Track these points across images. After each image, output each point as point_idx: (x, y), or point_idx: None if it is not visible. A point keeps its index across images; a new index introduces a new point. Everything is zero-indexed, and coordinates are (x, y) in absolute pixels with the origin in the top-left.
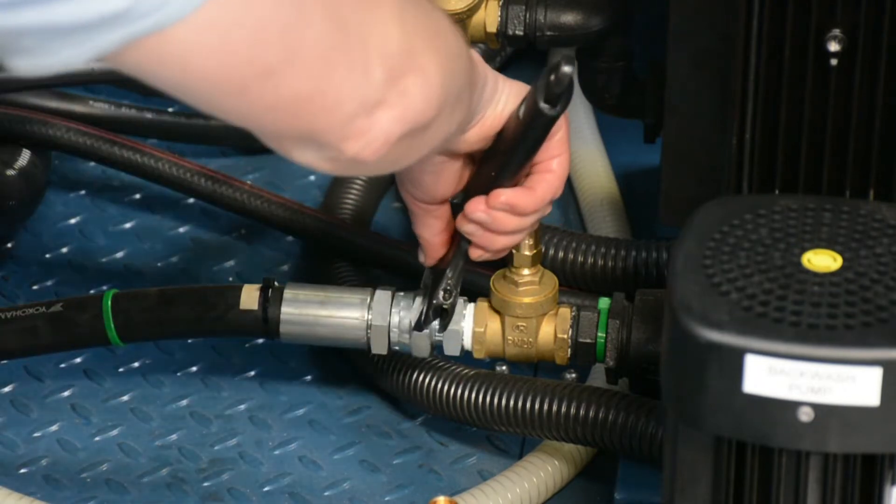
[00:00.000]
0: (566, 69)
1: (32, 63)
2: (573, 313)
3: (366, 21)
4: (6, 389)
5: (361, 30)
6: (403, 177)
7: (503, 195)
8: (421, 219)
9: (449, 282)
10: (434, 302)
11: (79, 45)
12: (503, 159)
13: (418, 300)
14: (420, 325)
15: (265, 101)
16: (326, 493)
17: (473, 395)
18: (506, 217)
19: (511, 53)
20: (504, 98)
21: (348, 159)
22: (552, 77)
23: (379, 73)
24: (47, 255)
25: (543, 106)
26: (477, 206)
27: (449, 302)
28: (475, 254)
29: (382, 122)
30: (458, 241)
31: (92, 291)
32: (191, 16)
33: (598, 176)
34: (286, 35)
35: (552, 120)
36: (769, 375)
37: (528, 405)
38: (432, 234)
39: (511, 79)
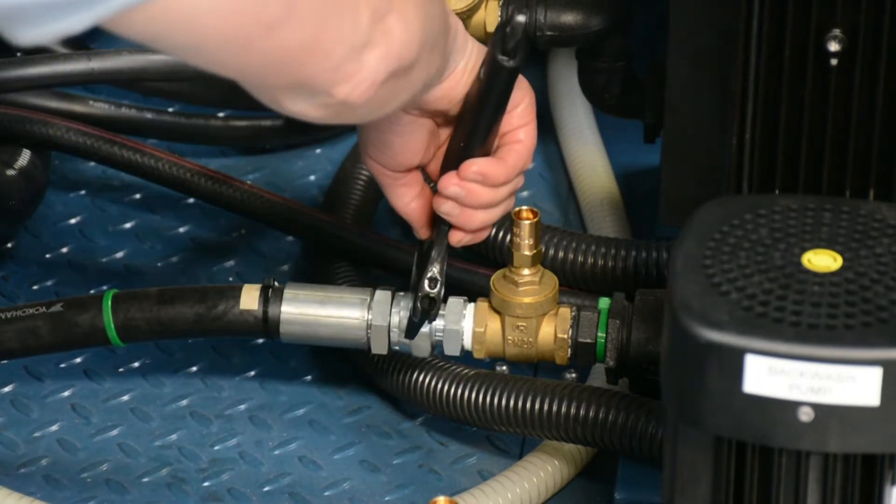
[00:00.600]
0: (520, 18)
1: (34, 33)
2: (573, 313)
3: None
4: (6, 389)
5: None
6: (368, 142)
7: (474, 165)
8: (390, 189)
9: (433, 270)
10: (420, 294)
11: (80, 11)
12: (470, 126)
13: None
14: (411, 327)
15: (267, 55)
16: (326, 493)
17: (473, 395)
18: (479, 189)
19: None
20: (471, 54)
21: (338, 102)
22: (507, 28)
23: (365, 15)
24: (47, 255)
25: (501, 58)
26: (449, 181)
27: (435, 291)
28: (455, 237)
29: (370, 63)
30: (437, 228)
31: (92, 291)
32: None
33: (598, 176)
34: None
35: (511, 73)
36: (769, 375)
37: (528, 405)
38: (405, 204)
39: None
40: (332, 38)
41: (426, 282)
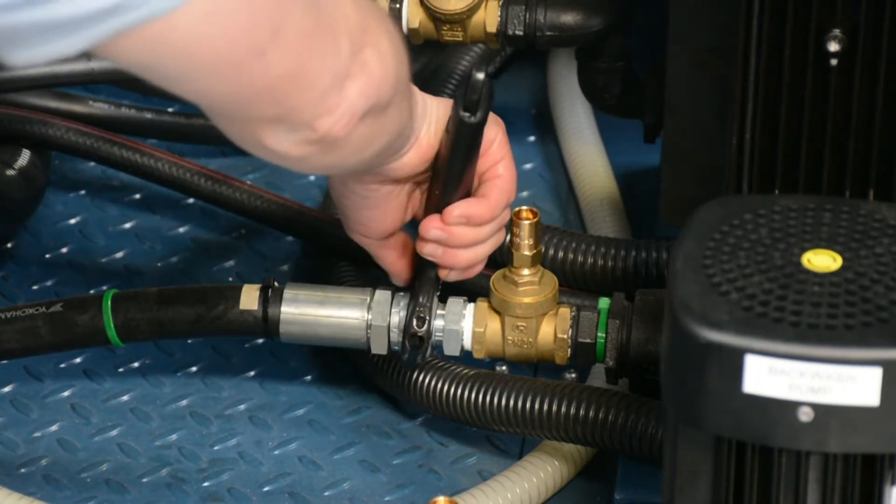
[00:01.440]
0: (479, 76)
1: (27, 55)
2: (573, 313)
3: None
4: (6, 389)
5: (329, 8)
6: (350, 220)
7: (457, 209)
8: (376, 252)
9: (421, 309)
10: (410, 331)
11: (73, 36)
12: (444, 176)
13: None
14: (409, 359)
15: (255, 82)
16: (326, 493)
17: (473, 395)
18: (463, 230)
19: (511, 53)
20: (434, 114)
21: (320, 138)
22: (468, 85)
23: (346, 47)
24: (47, 255)
25: (463, 114)
26: (431, 224)
27: (423, 330)
28: (443, 274)
29: (351, 95)
30: (422, 268)
31: (92, 291)
32: (185, 4)
33: (598, 176)
34: (275, 14)
35: (475, 127)
36: (769, 375)
37: (528, 405)
38: (392, 262)
39: (436, 97)
40: (316, 66)
41: (414, 320)
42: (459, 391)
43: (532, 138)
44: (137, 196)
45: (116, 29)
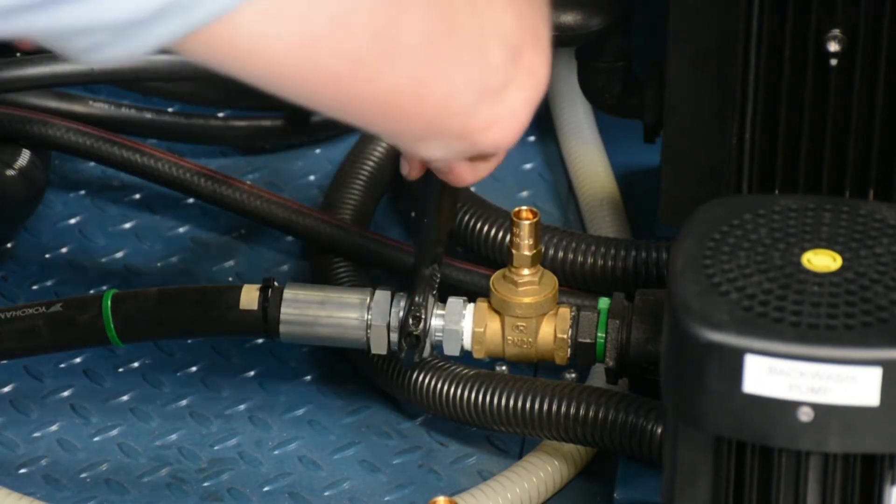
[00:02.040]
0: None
1: (92, 57)
2: (573, 313)
3: (478, 5)
4: (6, 389)
5: (473, 14)
6: None
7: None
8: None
9: (416, 308)
10: (406, 330)
11: (136, 39)
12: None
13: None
14: (407, 359)
15: (359, 95)
16: (326, 493)
17: (473, 395)
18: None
19: None
20: None
21: (484, 149)
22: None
23: (498, 53)
24: (47, 255)
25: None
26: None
27: (419, 329)
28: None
29: (513, 106)
30: (420, 266)
31: (92, 291)
32: (246, 3)
33: (598, 176)
34: (373, 21)
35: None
36: (769, 375)
37: (528, 405)
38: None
39: None
40: (448, 81)
41: (410, 319)
42: (459, 391)
43: (532, 138)
44: (137, 196)
45: (178, 31)
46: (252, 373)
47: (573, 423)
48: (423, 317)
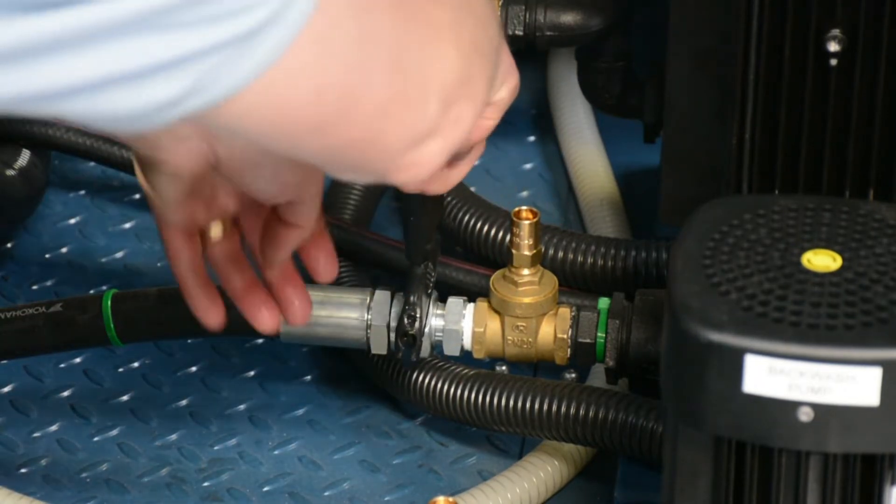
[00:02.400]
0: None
1: (122, 132)
2: (573, 313)
3: (426, 58)
4: (6, 389)
5: (422, 68)
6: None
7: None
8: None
9: (411, 308)
10: (401, 330)
11: (148, 121)
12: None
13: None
14: (405, 358)
15: (317, 151)
16: (326, 493)
17: (473, 395)
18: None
19: (511, 53)
20: None
21: (394, 185)
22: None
23: (434, 106)
24: (47, 255)
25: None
26: None
27: (415, 328)
28: None
29: (432, 152)
30: (413, 266)
31: (92, 291)
32: (248, 87)
33: (598, 176)
34: (348, 81)
35: None
36: (769, 375)
37: (528, 405)
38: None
39: None
40: (395, 132)
41: (405, 319)
42: (459, 391)
43: (532, 138)
44: (137, 196)
45: (186, 112)
46: (252, 373)
47: (573, 423)
48: (417, 316)
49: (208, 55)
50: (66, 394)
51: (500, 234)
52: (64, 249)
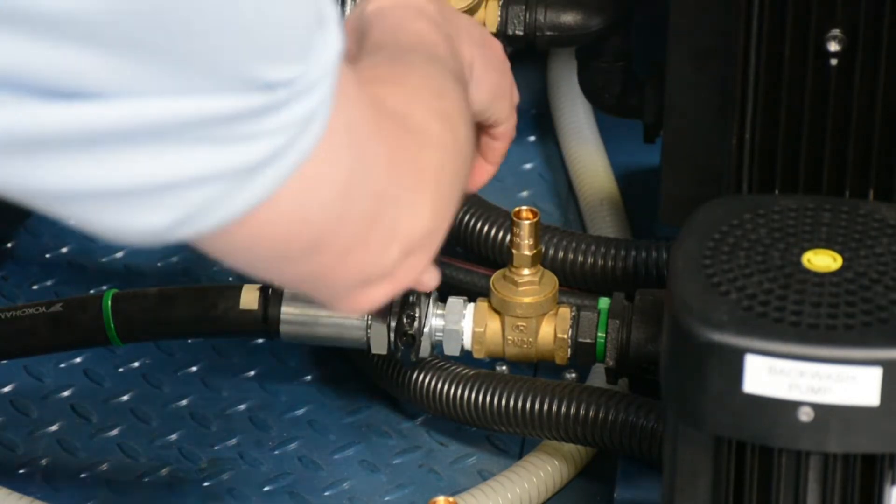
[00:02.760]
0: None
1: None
2: (573, 313)
3: (401, 213)
4: (6, 389)
5: (395, 222)
6: None
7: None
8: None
9: (409, 308)
10: (401, 330)
11: (151, 243)
12: None
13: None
14: (405, 358)
15: (267, 275)
16: (326, 493)
17: (473, 395)
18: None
19: (511, 53)
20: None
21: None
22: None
23: (394, 255)
24: (47, 255)
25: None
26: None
27: (415, 328)
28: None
29: (378, 294)
30: None
31: (92, 291)
32: (230, 222)
33: (598, 176)
34: (323, 229)
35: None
36: (769, 375)
37: (528, 405)
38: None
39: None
40: (353, 268)
41: (404, 318)
42: (459, 391)
43: (532, 138)
44: None
45: (187, 235)
46: (252, 373)
47: (573, 423)
48: (417, 315)
49: (217, 180)
50: (66, 394)
51: (500, 234)
52: (64, 249)
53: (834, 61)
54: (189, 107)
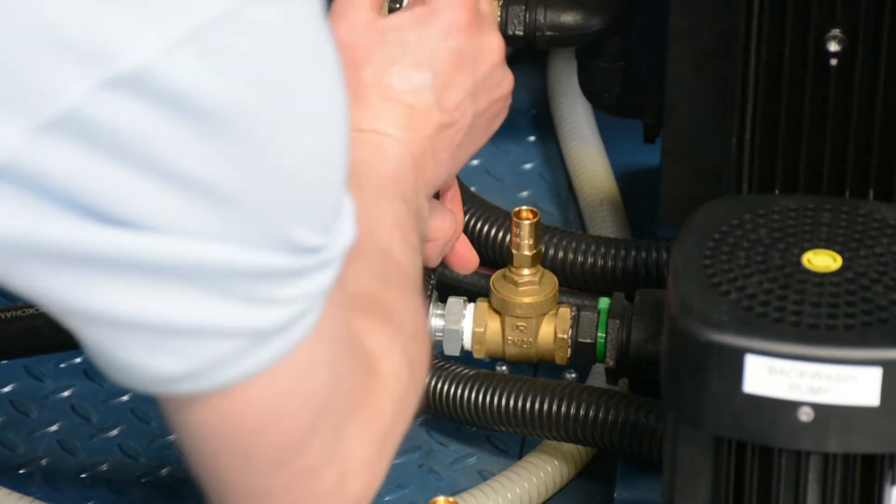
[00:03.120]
0: None
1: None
2: (573, 313)
3: (352, 428)
4: (6, 389)
5: (344, 438)
6: None
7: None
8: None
9: None
10: None
11: (162, 389)
12: None
13: None
14: None
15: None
16: None
17: (473, 395)
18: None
19: (511, 53)
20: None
21: None
22: None
23: (330, 482)
24: None
25: None
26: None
27: None
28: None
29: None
30: None
31: None
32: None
33: (598, 176)
34: (303, 415)
35: None
36: (769, 375)
37: (528, 405)
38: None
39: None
40: (288, 488)
41: None
42: (459, 391)
43: (532, 138)
44: None
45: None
46: None
47: (573, 423)
48: None
49: (236, 336)
50: (66, 394)
51: (500, 234)
52: None
53: (834, 61)
54: (236, 257)
